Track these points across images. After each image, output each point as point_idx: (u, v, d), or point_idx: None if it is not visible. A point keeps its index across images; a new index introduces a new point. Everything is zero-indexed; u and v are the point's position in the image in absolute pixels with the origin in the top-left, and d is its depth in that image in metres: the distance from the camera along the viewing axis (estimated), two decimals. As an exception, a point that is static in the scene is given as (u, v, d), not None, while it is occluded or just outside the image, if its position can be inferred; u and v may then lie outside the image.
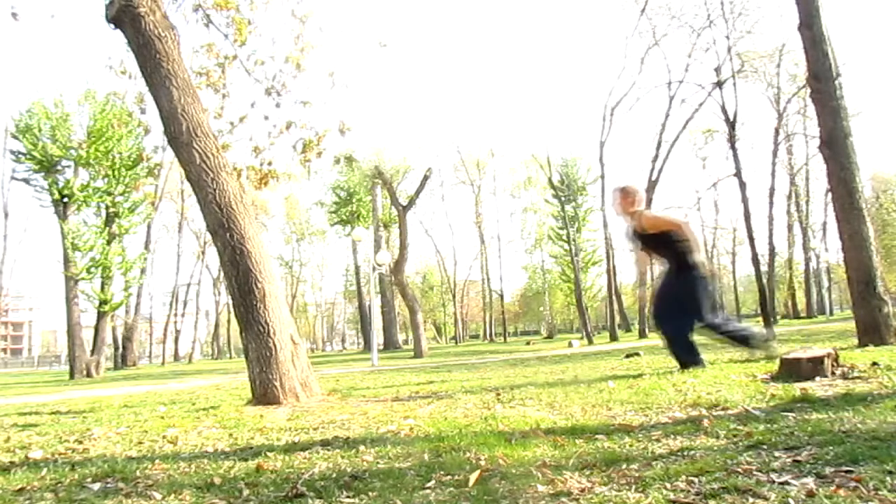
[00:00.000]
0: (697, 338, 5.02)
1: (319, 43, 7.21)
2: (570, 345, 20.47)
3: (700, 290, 4.81)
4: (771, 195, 29.52)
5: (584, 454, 2.37)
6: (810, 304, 33.80)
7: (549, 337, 38.29)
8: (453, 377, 7.30)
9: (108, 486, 2.34)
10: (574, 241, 28.35)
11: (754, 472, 1.92)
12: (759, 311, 17.58)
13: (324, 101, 17.21)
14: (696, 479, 1.90)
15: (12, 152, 21.89)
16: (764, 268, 23.16)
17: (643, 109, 48.94)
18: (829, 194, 14.43)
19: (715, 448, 2.32)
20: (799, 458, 2.06)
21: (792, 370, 4.13)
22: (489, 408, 3.93)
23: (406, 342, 40.97)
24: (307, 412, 4.22)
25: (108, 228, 20.80)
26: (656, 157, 26.22)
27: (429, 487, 2.04)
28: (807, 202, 34.03)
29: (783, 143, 30.53)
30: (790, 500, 1.65)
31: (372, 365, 14.93)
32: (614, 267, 28.22)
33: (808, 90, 8.61)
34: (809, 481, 1.79)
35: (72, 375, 18.65)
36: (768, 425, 2.63)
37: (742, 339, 5.04)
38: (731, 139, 15.12)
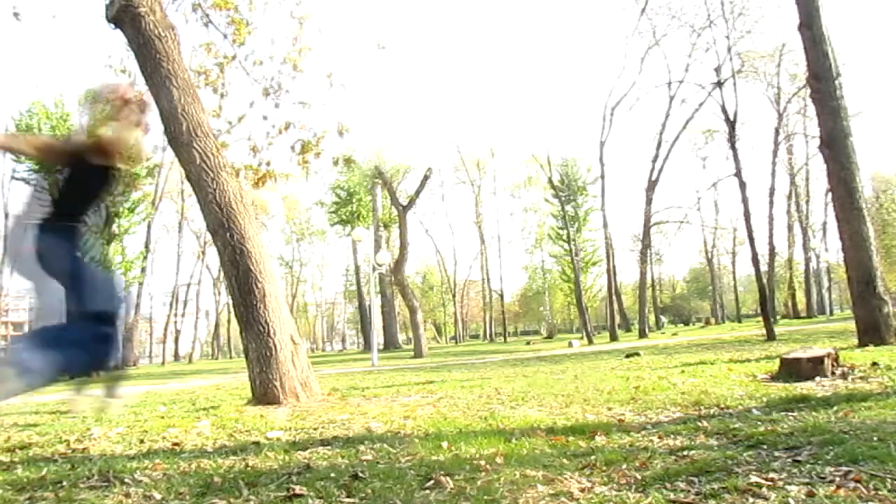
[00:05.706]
0: None
1: (318, 44, 7.21)
2: (570, 345, 20.43)
3: None
4: (771, 195, 29.54)
5: (584, 454, 2.37)
6: (810, 304, 33.76)
7: (549, 337, 38.21)
8: (453, 377, 7.30)
9: (108, 486, 2.33)
10: (574, 241, 28.31)
11: (754, 472, 1.92)
12: (758, 311, 17.58)
13: (322, 102, 17.24)
14: (696, 479, 1.90)
15: (12, 152, 21.87)
16: (764, 268, 23.13)
17: (643, 109, 48.76)
18: (829, 194, 14.42)
19: (715, 448, 2.32)
20: (799, 458, 2.06)
21: (792, 370, 4.14)
22: (489, 408, 3.93)
23: (406, 342, 40.94)
24: (307, 412, 4.22)
25: (107, 228, 20.79)
26: (656, 157, 26.26)
27: (429, 487, 2.04)
28: (807, 202, 34.00)
29: (783, 143, 30.52)
30: (790, 500, 1.65)
31: (372, 365, 14.91)
32: (614, 267, 28.22)
33: (808, 90, 8.61)
34: (809, 481, 1.79)
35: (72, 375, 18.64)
36: (768, 425, 2.63)
37: None
38: (731, 139, 15.09)
